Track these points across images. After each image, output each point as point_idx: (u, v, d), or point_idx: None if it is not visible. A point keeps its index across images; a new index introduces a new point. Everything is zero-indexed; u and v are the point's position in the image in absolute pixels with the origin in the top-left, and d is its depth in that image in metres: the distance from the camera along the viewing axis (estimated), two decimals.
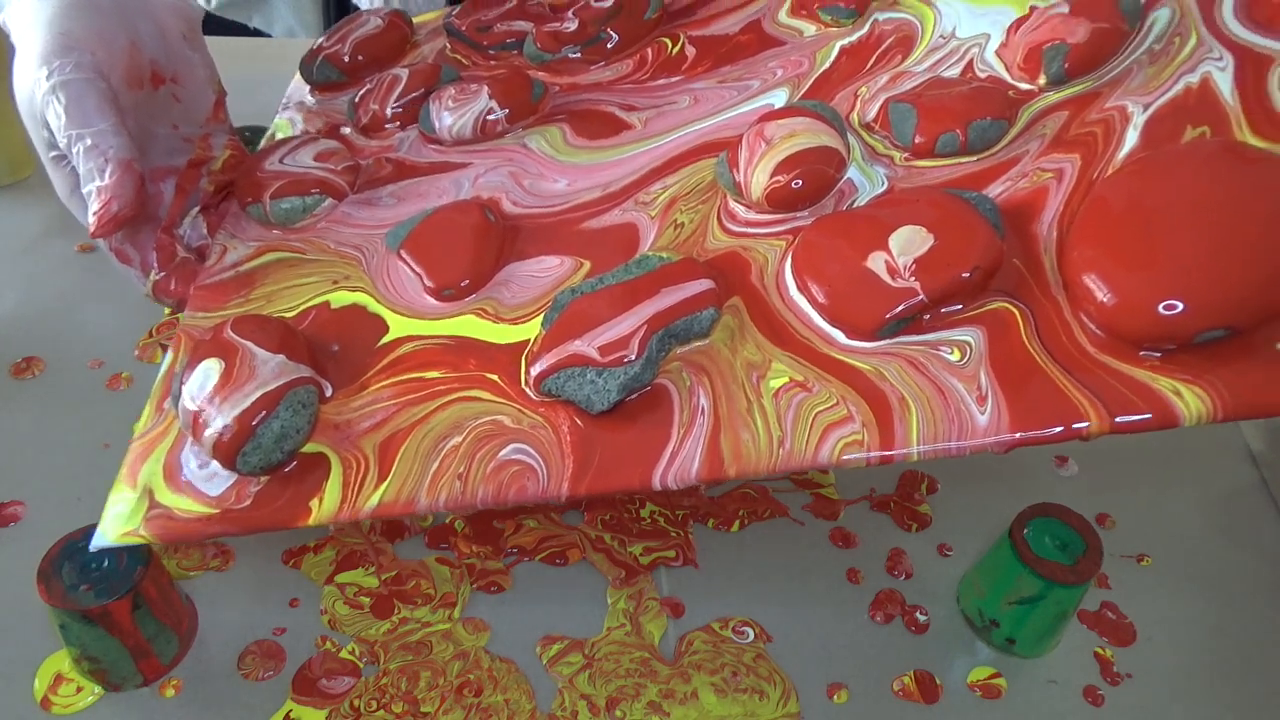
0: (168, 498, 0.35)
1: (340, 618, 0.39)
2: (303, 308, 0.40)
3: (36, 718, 0.36)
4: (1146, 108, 0.35)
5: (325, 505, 0.34)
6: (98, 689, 0.37)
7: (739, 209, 0.37)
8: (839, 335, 0.33)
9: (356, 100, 0.48)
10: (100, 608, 0.34)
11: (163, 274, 0.44)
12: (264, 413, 0.34)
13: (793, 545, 0.41)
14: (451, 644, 0.38)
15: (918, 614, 0.39)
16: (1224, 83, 0.34)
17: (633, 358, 0.33)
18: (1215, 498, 0.44)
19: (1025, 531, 0.36)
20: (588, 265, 0.38)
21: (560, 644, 0.38)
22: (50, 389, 0.45)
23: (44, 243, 0.55)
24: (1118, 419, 0.28)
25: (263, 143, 0.50)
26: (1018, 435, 0.29)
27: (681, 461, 0.31)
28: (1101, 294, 0.30)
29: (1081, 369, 0.30)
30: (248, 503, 0.34)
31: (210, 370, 0.35)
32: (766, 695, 0.36)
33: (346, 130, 0.48)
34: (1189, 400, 0.28)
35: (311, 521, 0.33)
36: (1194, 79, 0.35)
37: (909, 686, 0.37)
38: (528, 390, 0.34)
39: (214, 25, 0.84)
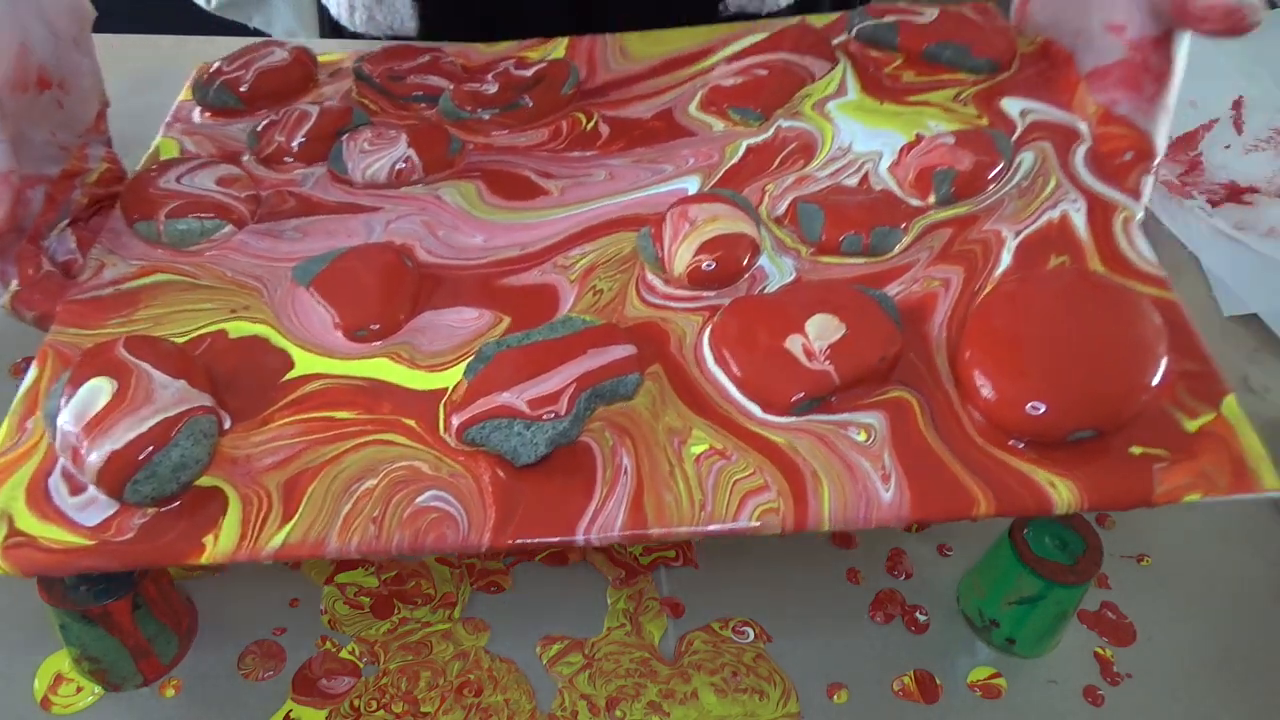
0: (32, 525, 0.32)
1: (340, 618, 0.38)
2: (196, 334, 0.38)
3: (36, 718, 0.36)
4: (1018, 234, 0.40)
5: (221, 542, 0.32)
6: (98, 689, 0.36)
7: (656, 282, 0.39)
8: (755, 409, 0.35)
9: (260, 129, 0.47)
10: (100, 608, 0.33)
11: (24, 286, 0.40)
12: (161, 440, 0.32)
13: (793, 545, 0.41)
14: (451, 644, 0.38)
15: (918, 614, 0.39)
16: (1079, 220, 0.40)
17: (562, 413, 0.33)
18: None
19: (1025, 531, 0.37)
20: (508, 321, 0.38)
21: (560, 644, 0.38)
22: None
23: None
24: (1002, 503, 0.32)
25: (143, 161, 0.47)
26: (918, 514, 0.32)
27: (605, 517, 0.32)
28: (986, 391, 0.34)
29: (970, 457, 0.33)
30: (130, 535, 0.32)
31: (100, 390, 0.33)
32: (766, 695, 0.37)
33: (245, 158, 0.47)
34: (1061, 491, 0.32)
35: (204, 559, 0.32)
36: (1055, 214, 0.40)
37: (909, 686, 0.37)
38: (447, 438, 0.34)
39: (214, 25, 0.79)
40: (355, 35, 0.71)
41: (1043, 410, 0.33)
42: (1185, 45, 0.42)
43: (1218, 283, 0.55)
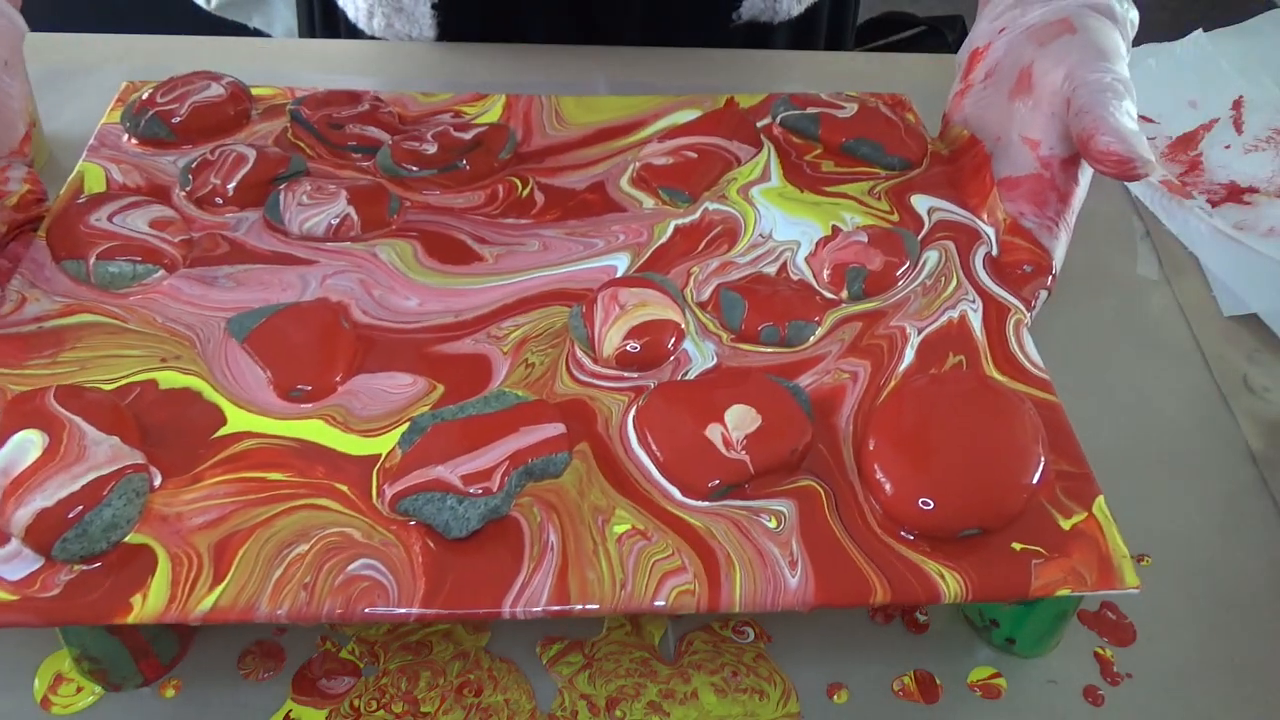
0: None
1: None
2: (124, 382, 0.38)
3: (36, 718, 0.36)
4: (920, 331, 0.43)
5: (150, 603, 0.32)
6: (98, 689, 0.36)
7: (585, 360, 0.41)
8: (675, 491, 0.37)
9: (193, 167, 0.47)
10: None
11: None
12: (93, 499, 0.32)
13: None
14: (451, 644, 0.38)
15: (918, 614, 0.40)
16: (975, 321, 0.44)
17: (494, 490, 0.35)
18: (1215, 498, 0.45)
19: None
20: (441, 389, 0.39)
21: (560, 644, 0.38)
22: None
23: None
24: (896, 593, 0.35)
25: (66, 185, 0.47)
26: (820, 600, 0.35)
27: (530, 593, 0.34)
28: (885, 485, 0.37)
29: (870, 547, 0.36)
30: (55, 591, 0.32)
31: (30, 443, 0.33)
32: (766, 695, 0.37)
33: (176, 193, 0.46)
34: (949, 582, 0.35)
35: (131, 619, 0.32)
36: (955, 314, 0.44)
37: (909, 686, 0.38)
38: (379, 506, 0.35)
39: (214, 25, 0.77)
40: (370, 38, 0.71)
41: (932, 506, 0.36)
42: (1090, 172, 0.47)
43: (1218, 283, 0.55)
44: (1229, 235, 0.58)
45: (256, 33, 0.95)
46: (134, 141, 0.50)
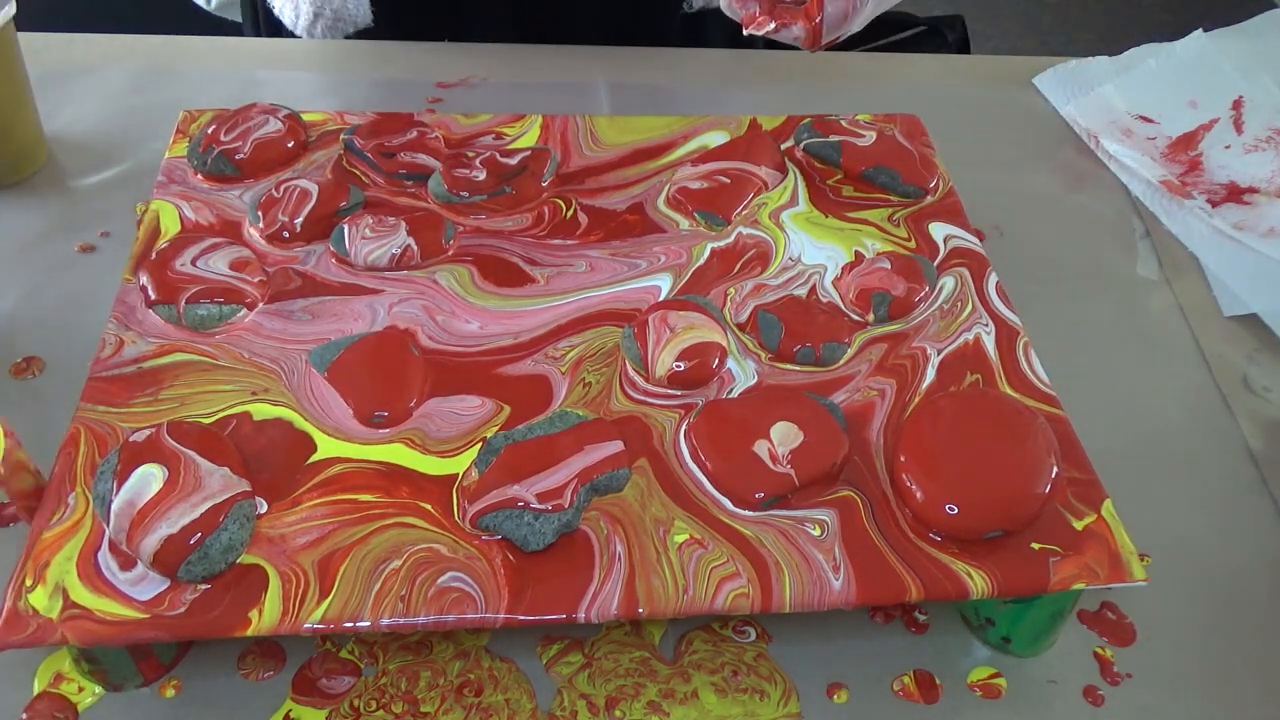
0: (87, 599, 0.36)
1: None
2: (221, 415, 0.42)
3: None
4: (940, 351, 0.47)
5: (266, 617, 0.36)
6: (98, 689, 0.37)
7: (638, 379, 0.45)
8: (727, 502, 0.41)
9: (260, 204, 0.50)
10: None
11: None
12: (211, 525, 0.36)
13: None
14: (451, 644, 0.39)
15: (917, 614, 0.41)
16: (989, 343, 0.47)
17: (566, 505, 0.39)
18: (1215, 498, 0.46)
19: None
20: (508, 410, 0.43)
21: (560, 644, 0.40)
22: (50, 389, 0.44)
23: (44, 243, 0.55)
24: (929, 591, 0.39)
25: (143, 227, 0.50)
26: (862, 599, 0.38)
27: (602, 600, 0.38)
28: (916, 493, 0.41)
29: (904, 550, 0.40)
30: (181, 609, 0.36)
31: (151, 477, 0.37)
32: (766, 695, 0.39)
33: (248, 230, 0.50)
34: (976, 580, 0.39)
35: (250, 632, 0.36)
36: (970, 336, 0.48)
37: (909, 686, 0.39)
38: (461, 523, 0.39)
39: (214, 25, 0.80)
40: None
41: (957, 511, 0.40)
42: None
43: (1218, 283, 0.56)
44: (1229, 235, 0.60)
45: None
46: (200, 177, 0.53)
